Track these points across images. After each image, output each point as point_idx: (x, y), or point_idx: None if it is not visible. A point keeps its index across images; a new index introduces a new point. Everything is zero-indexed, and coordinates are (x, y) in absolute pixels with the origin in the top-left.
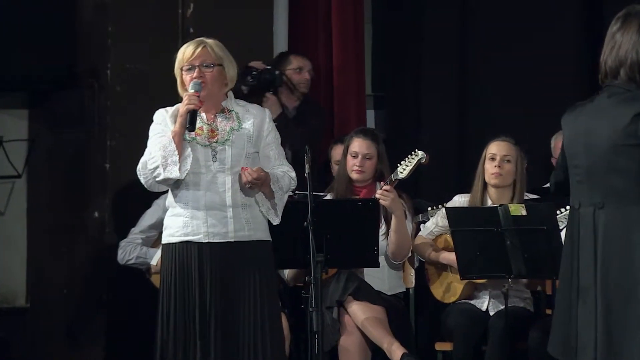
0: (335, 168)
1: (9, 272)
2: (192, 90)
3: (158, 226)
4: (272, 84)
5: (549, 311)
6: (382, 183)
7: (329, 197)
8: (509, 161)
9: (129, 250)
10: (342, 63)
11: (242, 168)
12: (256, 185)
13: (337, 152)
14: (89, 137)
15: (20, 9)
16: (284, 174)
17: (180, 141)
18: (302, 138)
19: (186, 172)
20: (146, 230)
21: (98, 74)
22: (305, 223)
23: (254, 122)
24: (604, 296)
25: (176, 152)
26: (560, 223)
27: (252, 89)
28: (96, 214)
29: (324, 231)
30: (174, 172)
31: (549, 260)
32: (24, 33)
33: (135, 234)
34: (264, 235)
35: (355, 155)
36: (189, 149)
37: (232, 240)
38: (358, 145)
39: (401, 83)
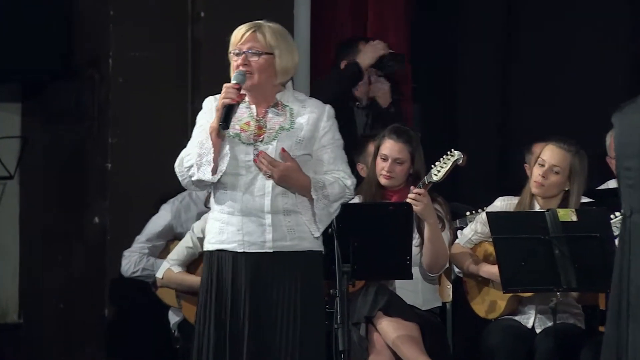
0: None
1: None
2: (234, 82)
3: (166, 234)
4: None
5: (602, 328)
6: (412, 187)
7: (356, 200)
8: (557, 173)
9: (134, 261)
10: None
11: (259, 152)
12: (275, 175)
13: (371, 149)
14: (88, 133)
15: None
16: (334, 180)
17: (217, 138)
18: None
19: (221, 173)
20: (153, 239)
21: (98, 63)
22: (330, 229)
23: (308, 120)
24: None
25: (212, 151)
26: (614, 229)
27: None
28: (96, 220)
29: (350, 239)
30: (207, 174)
31: (602, 271)
32: (15, 19)
33: (141, 242)
34: (312, 245)
35: (385, 158)
36: (227, 147)
37: (271, 250)
38: (389, 147)
39: (436, 73)
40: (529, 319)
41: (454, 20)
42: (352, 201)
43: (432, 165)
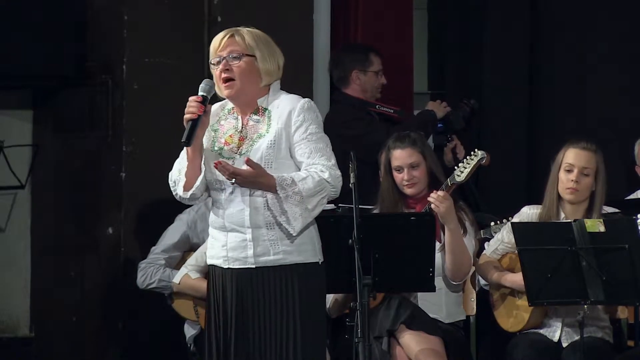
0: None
1: (10, 298)
2: (200, 93)
3: (182, 245)
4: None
5: (631, 342)
6: (434, 191)
7: (377, 211)
8: (587, 175)
9: (150, 273)
10: (395, 57)
11: (215, 163)
12: (238, 182)
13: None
14: (101, 142)
15: None
16: (307, 175)
17: (193, 154)
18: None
19: (194, 190)
20: (169, 250)
21: (112, 69)
22: (350, 241)
23: (279, 119)
24: None
25: (185, 168)
26: None
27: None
28: (110, 231)
29: (371, 250)
30: (180, 192)
31: (631, 283)
32: (26, 23)
33: (157, 253)
34: (303, 257)
35: (399, 169)
36: (203, 166)
37: (253, 266)
38: (399, 157)
39: (462, 79)
40: (555, 332)
41: (477, 14)
42: (374, 211)
43: (456, 167)
